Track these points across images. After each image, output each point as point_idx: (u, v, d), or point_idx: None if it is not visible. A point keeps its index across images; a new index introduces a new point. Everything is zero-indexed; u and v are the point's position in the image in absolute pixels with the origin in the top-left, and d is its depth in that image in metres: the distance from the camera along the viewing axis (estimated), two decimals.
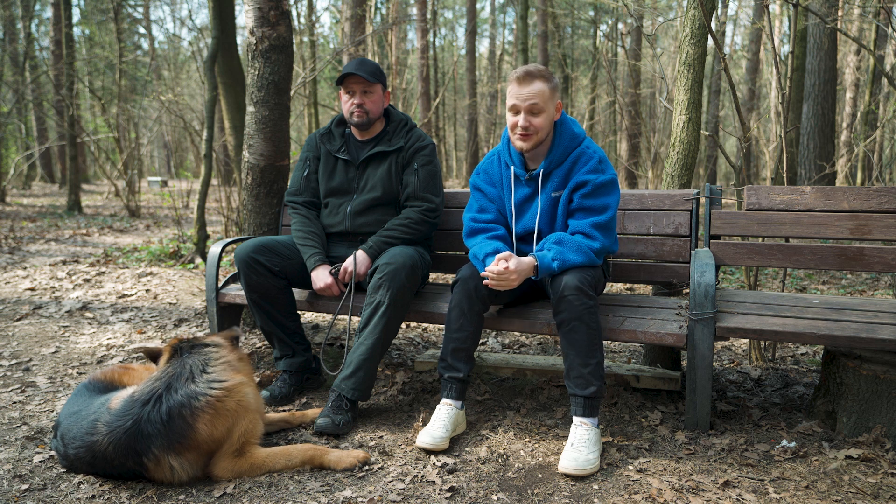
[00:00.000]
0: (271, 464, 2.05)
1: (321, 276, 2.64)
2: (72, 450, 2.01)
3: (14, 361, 3.24)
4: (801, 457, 2.14)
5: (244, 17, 3.50)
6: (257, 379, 2.82)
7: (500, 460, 2.17)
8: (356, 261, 2.62)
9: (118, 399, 2.03)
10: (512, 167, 2.44)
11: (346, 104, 2.75)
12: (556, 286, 2.19)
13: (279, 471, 2.06)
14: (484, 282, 2.24)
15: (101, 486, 1.99)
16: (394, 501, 1.90)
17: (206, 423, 1.93)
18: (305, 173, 2.88)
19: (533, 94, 2.27)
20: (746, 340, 3.56)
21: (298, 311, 2.82)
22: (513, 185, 2.45)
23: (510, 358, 3.16)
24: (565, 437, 2.30)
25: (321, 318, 4.17)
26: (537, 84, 2.28)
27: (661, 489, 1.93)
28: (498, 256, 2.22)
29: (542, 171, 2.38)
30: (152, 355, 2.17)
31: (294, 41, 3.64)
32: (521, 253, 2.48)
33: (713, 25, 3.11)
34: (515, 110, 2.32)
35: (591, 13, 19.82)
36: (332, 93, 20.44)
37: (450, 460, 2.14)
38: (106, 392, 2.16)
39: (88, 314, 4.18)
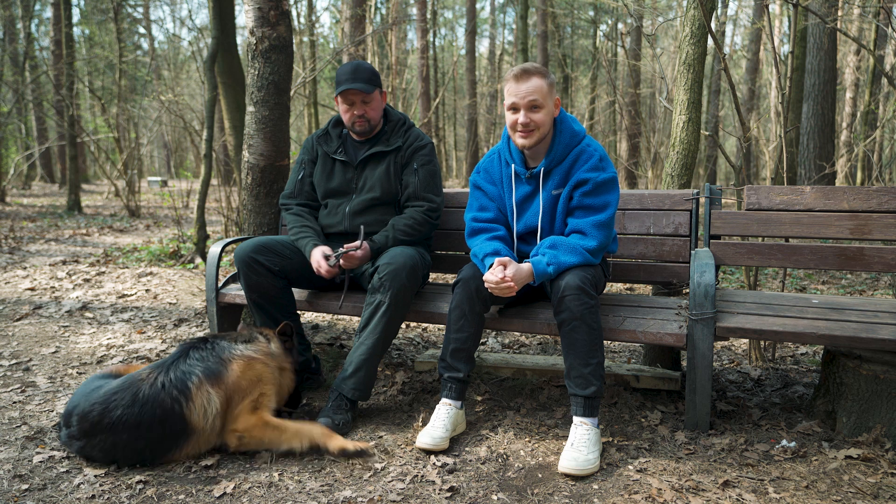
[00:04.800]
0: (280, 427, 2.17)
1: (315, 257, 2.59)
2: (96, 411, 2.05)
3: (14, 361, 3.24)
4: (801, 457, 2.14)
5: (244, 17, 3.50)
6: None
7: (500, 460, 2.17)
8: (360, 252, 2.58)
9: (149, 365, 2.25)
10: (512, 165, 2.44)
11: (346, 114, 2.74)
12: (557, 286, 2.19)
13: (287, 441, 2.16)
14: (486, 285, 2.25)
15: (100, 486, 1.99)
16: (394, 501, 1.90)
17: (237, 367, 2.20)
18: (300, 176, 2.88)
19: (531, 90, 2.27)
20: (746, 340, 3.56)
21: (298, 311, 2.82)
22: (513, 183, 2.45)
23: (510, 358, 3.16)
24: (565, 437, 2.30)
25: (321, 318, 4.17)
26: (535, 80, 2.28)
27: (660, 489, 1.93)
28: (497, 261, 2.22)
29: (542, 168, 2.38)
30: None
31: (294, 41, 3.64)
32: (521, 253, 2.48)
33: (713, 25, 3.12)
34: (515, 108, 2.32)
35: (591, 13, 19.82)
36: (331, 93, 20.40)
37: (450, 460, 2.14)
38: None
39: (88, 314, 4.18)
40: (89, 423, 2.05)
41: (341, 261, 2.54)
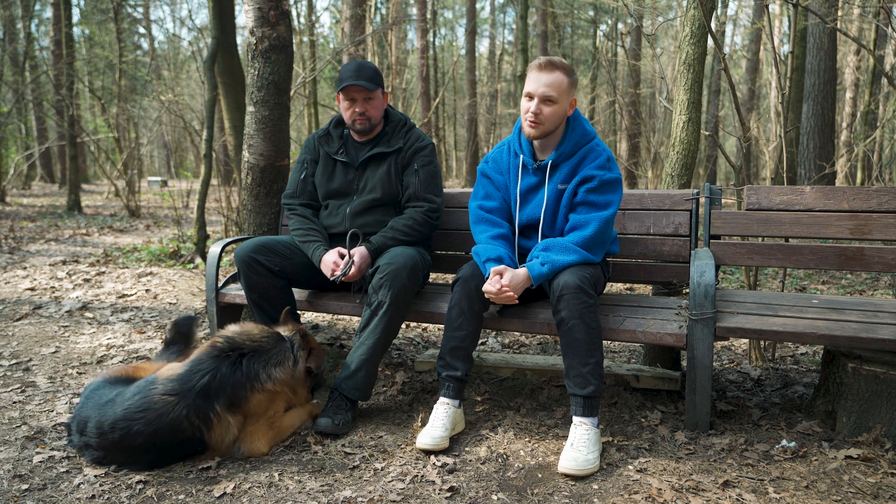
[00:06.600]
0: (280, 433, 2.33)
1: (328, 260, 2.58)
2: (117, 433, 2.05)
3: (14, 361, 3.24)
4: (801, 457, 2.14)
5: (244, 17, 3.50)
6: None
7: (499, 460, 2.17)
8: (357, 258, 2.59)
9: (167, 371, 2.19)
10: (521, 156, 2.48)
11: (348, 111, 2.74)
12: (555, 285, 2.20)
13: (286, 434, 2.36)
14: (486, 295, 2.27)
15: (100, 486, 1.99)
16: (394, 501, 1.90)
17: (259, 398, 2.23)
18: (302, 176, 2.88)
19: (550, 83, 2.30)
20: (746, 340, 3.56)
21: (298, 311, 2.82)
22: (520, 173, 2.48)
23: (510, 358, 3.16)
24: (565, 437, 2.30)
25: (321, 317, 4.17)
26: (557, 75, 2.31)
27: (660, 489, 1.93)
28: (493, 271, 2.25)
29: (550, 161, 2.41)
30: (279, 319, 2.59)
31: (294, 41, 3.64)
32: (522, 249, 2.50)
33: (713, 25, 3.12)
34: (530, 96, 2.35)
35: (591, 13, 19.82)
36: (331, 93, 20.45)
37: (450, 460, 2.14)
38: (129, 384, 2.22)
39: (88, 314, 4.18)
40: (109, 441, 2.07)
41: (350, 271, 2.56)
